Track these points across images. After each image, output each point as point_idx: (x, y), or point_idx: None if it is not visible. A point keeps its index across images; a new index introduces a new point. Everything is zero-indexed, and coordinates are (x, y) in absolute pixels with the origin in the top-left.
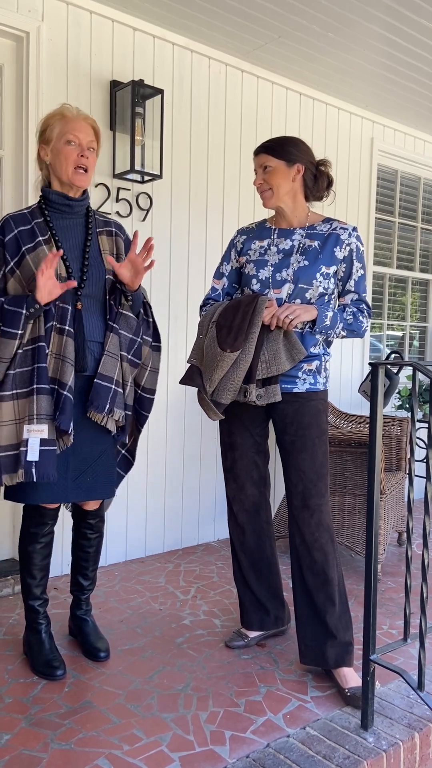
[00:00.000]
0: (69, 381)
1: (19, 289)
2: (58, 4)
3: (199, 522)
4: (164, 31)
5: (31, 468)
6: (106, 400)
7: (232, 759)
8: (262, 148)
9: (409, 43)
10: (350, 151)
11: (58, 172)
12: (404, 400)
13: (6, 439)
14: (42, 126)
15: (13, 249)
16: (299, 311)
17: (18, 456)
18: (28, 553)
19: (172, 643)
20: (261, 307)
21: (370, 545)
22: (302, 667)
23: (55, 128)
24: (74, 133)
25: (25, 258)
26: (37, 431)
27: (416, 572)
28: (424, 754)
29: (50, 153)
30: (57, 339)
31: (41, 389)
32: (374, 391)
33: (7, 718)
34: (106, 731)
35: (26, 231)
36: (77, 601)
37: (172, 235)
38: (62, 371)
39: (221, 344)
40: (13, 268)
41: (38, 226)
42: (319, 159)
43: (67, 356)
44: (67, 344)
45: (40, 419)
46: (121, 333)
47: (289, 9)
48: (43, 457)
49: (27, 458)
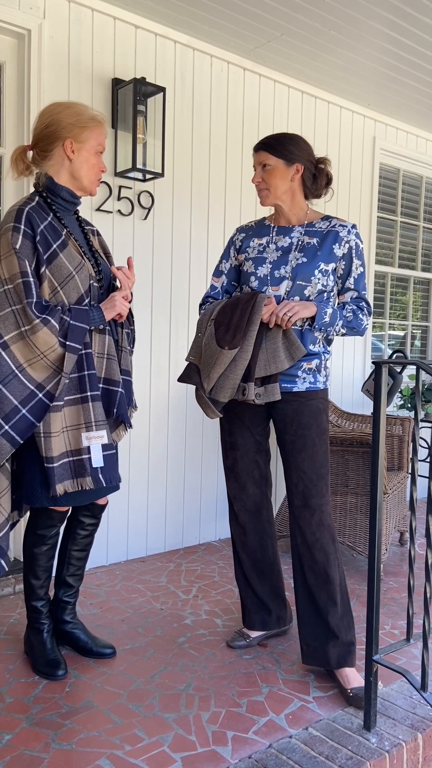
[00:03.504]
0: (119, 378)
1: (48, 289)
2: (60, 1)
3: (201, 521)
4: (166, 29)
5: (98, 474)
6: (131, 393)
7: (234, 759)
8: (262, 145)
9: (413, 42)
10: (352, 149)
11: (79, 175)
12: (406, 400)
13: (57, 449)
14: (77, 122)
15: (44, 245)
16: (298, 308)
17: (73, 463)
18: (34, 554)
19: (173, 643)
20: (260, 304)
21: (373, 545)
22: (304, 668)
23: (91, 134)
24: (103, 143)
25: (58, 256)
26: (98, 437)
27: (419, 572)
28: (427, 754)
29: (78, 153)
30: (99, 338)
31: (95, 396)
32: (378, 390)
33: (8, 718)
34: (107, 731)
35: (48, 226)
36: (65, 607)
37: (174, 233)
38: (111, 370)
39: (219, 342)
40: (47, 266)
41: (54, 222)
42: (319, 157)
43: (112, 354)
44: (110, 343)
45: (99, 426)
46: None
47: (292, 7)
48: (107, 462)
49: (93, 465)
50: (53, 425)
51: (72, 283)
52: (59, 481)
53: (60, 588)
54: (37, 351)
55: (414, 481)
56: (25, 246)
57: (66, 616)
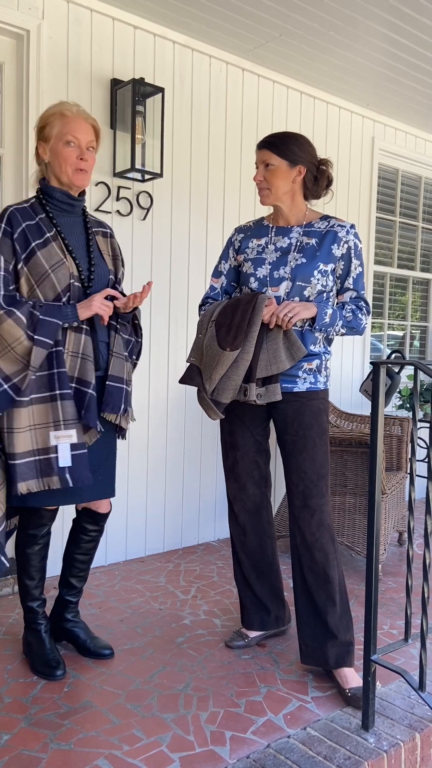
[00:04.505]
0: (92, 379)
1: (26, 286)
2: (58, 2)
3: (200, 522)
4: (165, 30)
5: (65, 474)
6: (120, 400)
7: (233, 759)
8: (266, 144)
9: (411, 42)
10: (351, 150)
11: (57, 172)
12: (405, 400)
13: (23, 446)
14: (41, 123)
15: (22, 243)
16: (298, 308)
17: (40, 462)
18: (26, 555)
19: (172, 643)
20: (261, 305)
21: (371, 545)
22: (303, 668)
23: (54, 127)
24: (74, 134)
25: (35, 254)
26: (66, 437)
27: (417, 572)
28: (425, 754)
29: (49, 152)
30: (74, 338)
31: (65, 394)
32: (376, 390)
33: (7, 718)
34: (105, 731)
35: (33, 226)
36: (67, 605)
37: (173, 233)
38: (84, 370)
39: (221, 343)
40: (24, 264)
41: (42, 221)
42: (321, 158)
43: (88, 354)
44: (86, 343)
45: (67, 425)
46: (121, 334)
47: (291, 7)
48: (76, 462)
49: (60, 464)
50: (17, 421)
51: (48, 282)
52: (22, 479)
53: (63, 587)
54: (5, 343)
55: (412, 481)
56: (4, 243)
57: (68, 614)
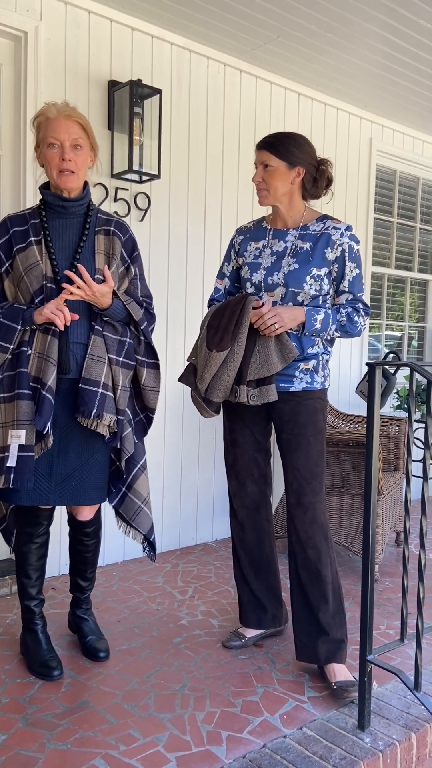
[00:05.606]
0: (49, 381)
1: (13, 289)
2: (56, 3)
3: (197, 522)
4: (163, 31)
5: (10, 474)
6: (93, 404)
7: (229, 759)
8: (265, 144)
9: (408, 44)
10: (349, 151)
11: (48, 175)
12: (403, 401)
13: None
14: (34, 128)
15: (6, 250)
16: (285, 318)
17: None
18: (23, 553)
19: (169, 644)
20: (248, 307)
21: (367, 545)
22: (299, 668)
23: (40, 131)
24: (54, 135)
25: (15, 258)
26: (16, 436)
27: (413, 572)
28: (420, 754)
29: (41, 156)
30: (41, 338)
31: (22, 394)
32: (371, 391)
33: (4, 718)
34: (102, 731)
35: (20, 231)
36: (76, 600)
37: (171, 235)
38: (44, 371)
39: (208, 344)
40: (8, 269)
41: (34, 226)
42: (320, 159)
43: (51, 356)
44: (51, 344)
45: (20, 424)
46: (107, 335)
47: (288, 9)
48: (19, 463)
49: (7, 464)
50: None
51: (23, 284)
52: None
53: (72, 584)
54: None
55: (408, 481)
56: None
57: (77, 609)
